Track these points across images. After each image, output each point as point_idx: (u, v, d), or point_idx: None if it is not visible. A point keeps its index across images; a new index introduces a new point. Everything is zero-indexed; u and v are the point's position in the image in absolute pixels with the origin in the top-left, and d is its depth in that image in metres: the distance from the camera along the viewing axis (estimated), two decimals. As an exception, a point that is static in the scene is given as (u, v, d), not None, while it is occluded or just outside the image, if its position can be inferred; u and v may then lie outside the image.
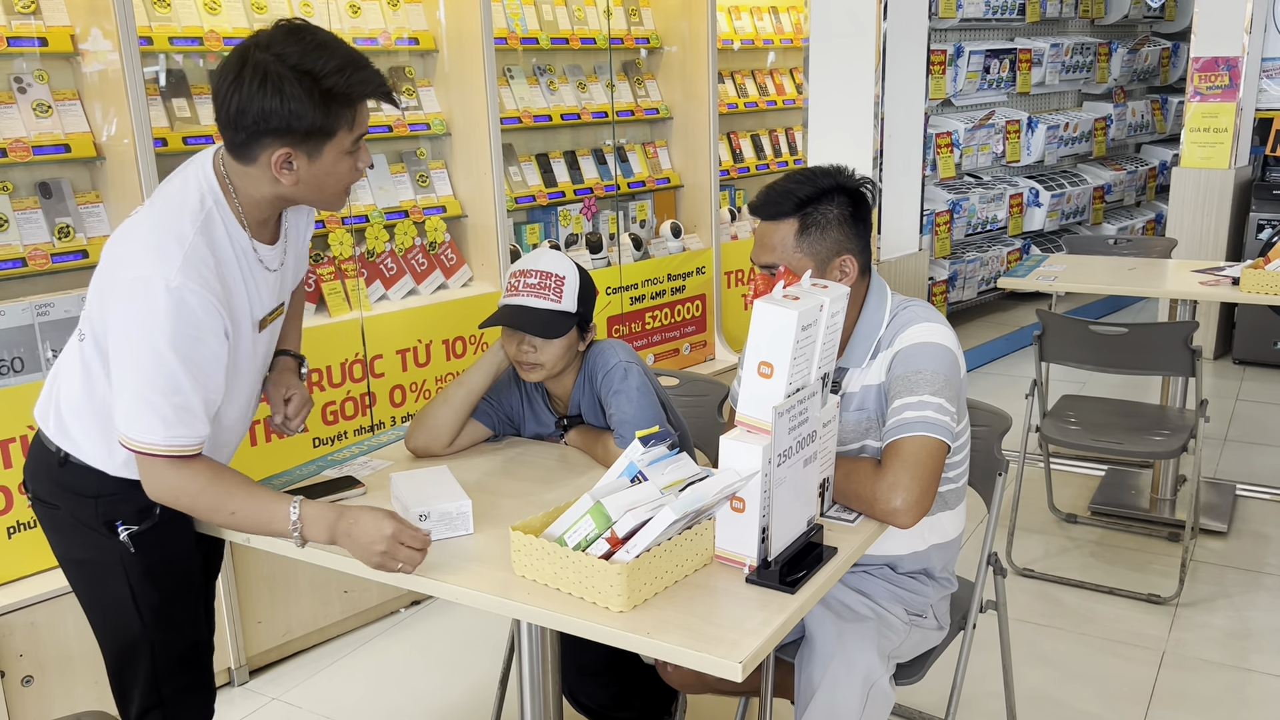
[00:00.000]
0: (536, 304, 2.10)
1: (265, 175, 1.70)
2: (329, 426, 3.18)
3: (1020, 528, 3.67)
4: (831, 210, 1.96)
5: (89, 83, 2.77)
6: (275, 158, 1.67)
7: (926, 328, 1.95)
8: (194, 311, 1.63)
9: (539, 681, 1.91)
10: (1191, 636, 3.04)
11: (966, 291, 6.22)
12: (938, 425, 1.83)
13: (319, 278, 3.22)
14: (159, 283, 1.61)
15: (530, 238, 3.94)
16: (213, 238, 1.70)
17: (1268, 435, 4.68)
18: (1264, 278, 3.34)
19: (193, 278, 1.63)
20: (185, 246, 1.65)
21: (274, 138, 1.65)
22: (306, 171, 1.71)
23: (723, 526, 1.63)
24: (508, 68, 3.90)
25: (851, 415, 1.99)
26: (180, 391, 1.65)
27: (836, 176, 1.99)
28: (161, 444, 1.66)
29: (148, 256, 1.64)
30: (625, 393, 2.13)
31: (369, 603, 3.24)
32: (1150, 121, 7.81)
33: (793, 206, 1.96)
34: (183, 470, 1.70)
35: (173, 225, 1.67)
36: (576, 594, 1.55)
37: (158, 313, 1.61)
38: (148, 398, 1.64)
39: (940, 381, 1.87)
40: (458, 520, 1.80)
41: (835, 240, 1.96)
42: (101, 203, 2.83)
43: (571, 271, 2.14)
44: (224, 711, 2.82)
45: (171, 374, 1.63)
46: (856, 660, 1.85)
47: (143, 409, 1.64)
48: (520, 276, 2.12)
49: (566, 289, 2.12)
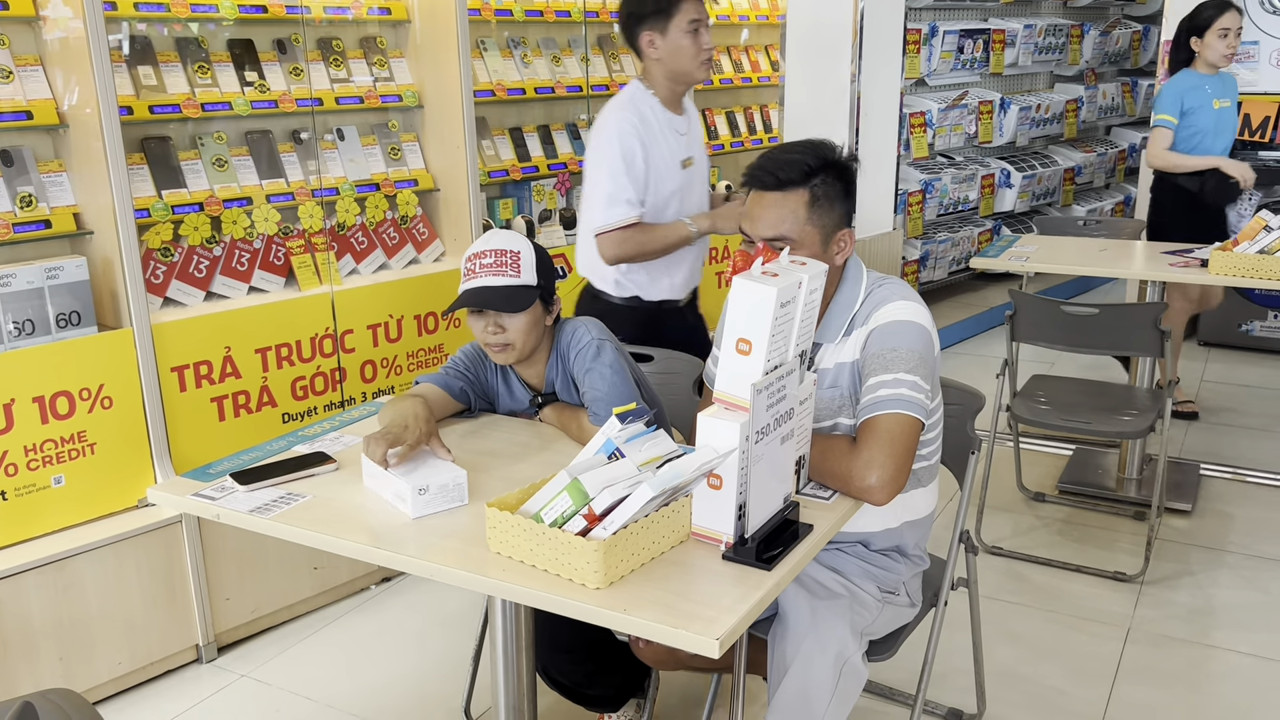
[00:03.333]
0: (496, 282, 2.09)
1: (648, 59, 2.78)
2: (298, 402, 3.14)
3: (989, 506, 3.70)
4: (835, 184, 1.94)
5: (51, 48, 2.70)
6: (643, 41, 2.76)
7: (902, 305, 1.94)
8: (626, 135, 2.73)
9: (513, 659, 1.91)
10: (1156, 613, 3.08)
11: (938, 271, 6.25)
12: (912, 403, 1.84)
13: (289, 251, 3.18)
14: (612, 125, 2.76)
15: (504, 212, 3.90)
16: (640, 111, 2.78)
17: (1231, 416, 4.75)
18: (1232, 259, 3.37)
19: (626, 122, 2.75)
20: (623, 111, 2.78)
21: (637, 26, 2.76)
22: (664, 47, 2.75)
23: (699, 503, 1.63)
24: (481, 40, 3.85)
25: (825, 392, 1.98)
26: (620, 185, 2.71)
27: (834, 151, 1.97)
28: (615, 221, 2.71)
29: (605, 115, 2.82)
30: (598, 370, 2.12)
31: (339, 579, 3.22)
32: (1120, 104, 7.86)
33: (802, 175, 1.92)
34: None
35: (612, 109, 2.82)
36: (553, 571, 1.54)
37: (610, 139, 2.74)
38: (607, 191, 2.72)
39: (915, 359, 1.87)
40: (454, 492, 1.80)
41: (839, 214, 1.95)
42: (65, 171, 2.77)
43: (526, 246, 2.15)
44: (192, 688, 2.81)
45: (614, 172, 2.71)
46: (829, 637, 1.85)
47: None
48: (475, 260, 2.12)
49: (524, 263, 2.12)
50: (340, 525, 1.74)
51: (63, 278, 2.66)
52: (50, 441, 2.64)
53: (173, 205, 2.95)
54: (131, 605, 2.75)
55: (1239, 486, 3.96)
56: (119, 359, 2.73)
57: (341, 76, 3.37)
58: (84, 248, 2.79)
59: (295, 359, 3.12)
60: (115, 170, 2.66)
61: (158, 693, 2.80)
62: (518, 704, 1.94)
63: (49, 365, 2.62)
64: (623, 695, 2.45)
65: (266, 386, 3.06)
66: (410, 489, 1.75)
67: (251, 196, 3.11)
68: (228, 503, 1.81)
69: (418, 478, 1.79)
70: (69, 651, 2.64)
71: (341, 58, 3.39)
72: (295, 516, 1.77)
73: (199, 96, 3.01)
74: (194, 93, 3.01)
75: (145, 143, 2.96)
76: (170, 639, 2.84)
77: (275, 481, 1.88)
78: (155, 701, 2.76)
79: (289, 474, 1.90)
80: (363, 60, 3.44)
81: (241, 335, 2.99)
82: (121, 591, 2.72)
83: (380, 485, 1.85)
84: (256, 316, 3.03)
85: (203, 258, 3.01)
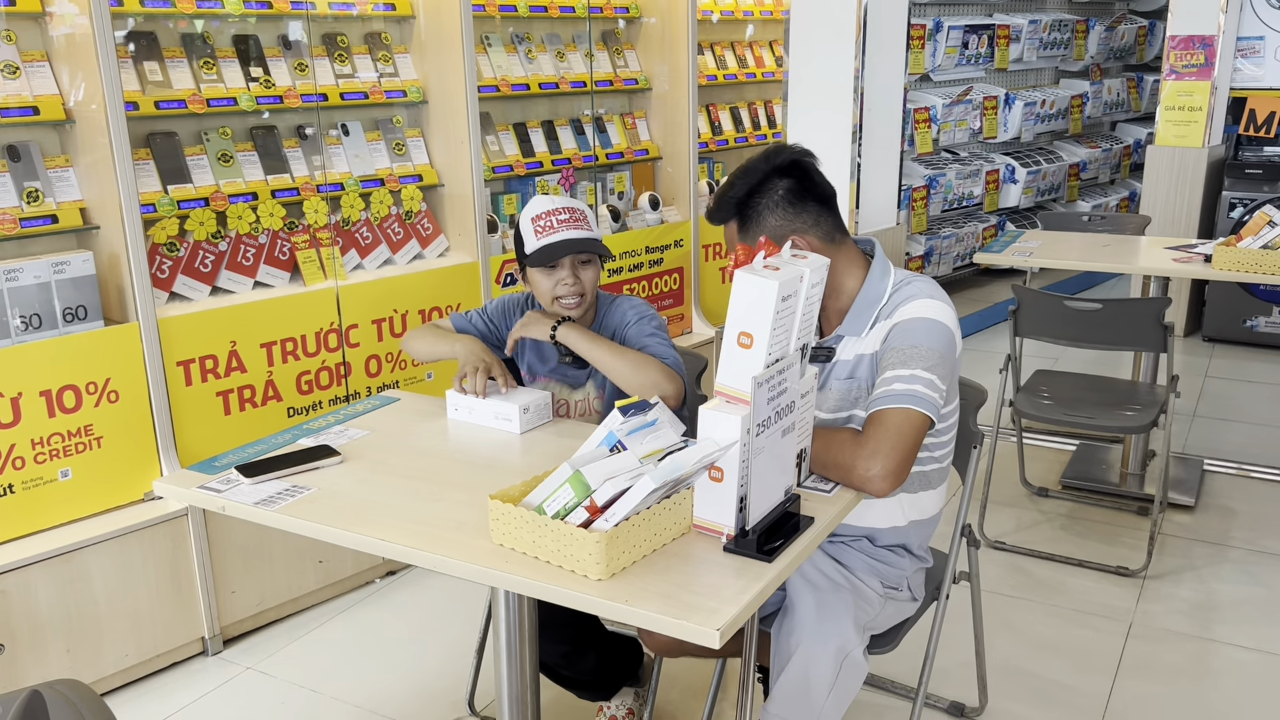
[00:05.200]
0: (580, 234, 2.24)
1: None
2: (304, 396, 3.16)
3: (992, 501, 3.70)
4: (766, 199, 2.01)
5: (58, 44, 2.71)
6: None
7: (928, 304, 1.96)
8: None
9: (515, 651, 1.91)
10: (1158, 608, 3.09)
11: (942, 267, 6.25)
12: (925, 400, 1.84)
13: (294, 245, 3.19)
14: None
15: (508, 208, 3.91)
16: None
17: (1235, 412, 4.75)
18: (1236, 255, 3.38)
19: None
20: None
21: None
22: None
23: (701, 496, 1.64)
24: (485, 35, 3.86)
25: (841, 383, 2.00)
26: None
27: (771, 161, 2.03)
28: None
29: None
30: (660, 337, 2.26)
31: (344, 572, 3.23)
32: (1126, 99, 7.85)
33: (731, 208, 2.05)
34: None
35: None
36: (555, 562, 1.55)
37: None
38: None
39: (935, 358, 1.88)
40: (545, 409, 2.16)
41: (774, 227, 2.01)
42: (71, 167, 2.78)
43: (586, 206, 2.30)
44: (197, 681, 2.83)
45: None
46: (831, 631, 1.86)
47: None
48: (550, 216, 2.24)
49: (591, 220, 2.29)
50: (345, 518, 1.75)
51: (69, 272, 2.67)
52: (57, 435, 2.66)
53: (178, 200, 2.96)
54: (138, 598, 2.77)
55: (1242, 482, 3.96)
56: (125, 353, 2.75)
57: (346, 72, 3.38)
58: (90, 243, 2.81)
59: (300, 353, 3.13)
60: (121, 166, 2.67)
61: (164, 685, 2.82)
62: (521, 695, 1.95)
63: (56, 359, 2.64)
64: (608, 682, 2.46)
65: (272, 381, 3.07)
66: (516, 408, 2.09)
67: (257, 192, 3.13)
68: (233, 495, 1.83)
69: (516, 399, 2.12)
70: (76, 643, 2.66)
71: (346, 53, 3.40)
72: (300, 509, 1.78)
73: (204, 92, 3.02)
74: (199, 88, 3.02)
75: (151, 138, 2.98)
76: (176, 631, 2.86)
77: (280, 474, 1.89)
78: (162, 693, 2.78)
79: (294, 467, 1.91)
80: (367, 56, 3.45)
81: (247, 330, 3.00)
82: (128, 584, 2.74)
83: (476, 413, 2.15)
84: (262, 311, 3.04)
85: (208, 253, 3.03)
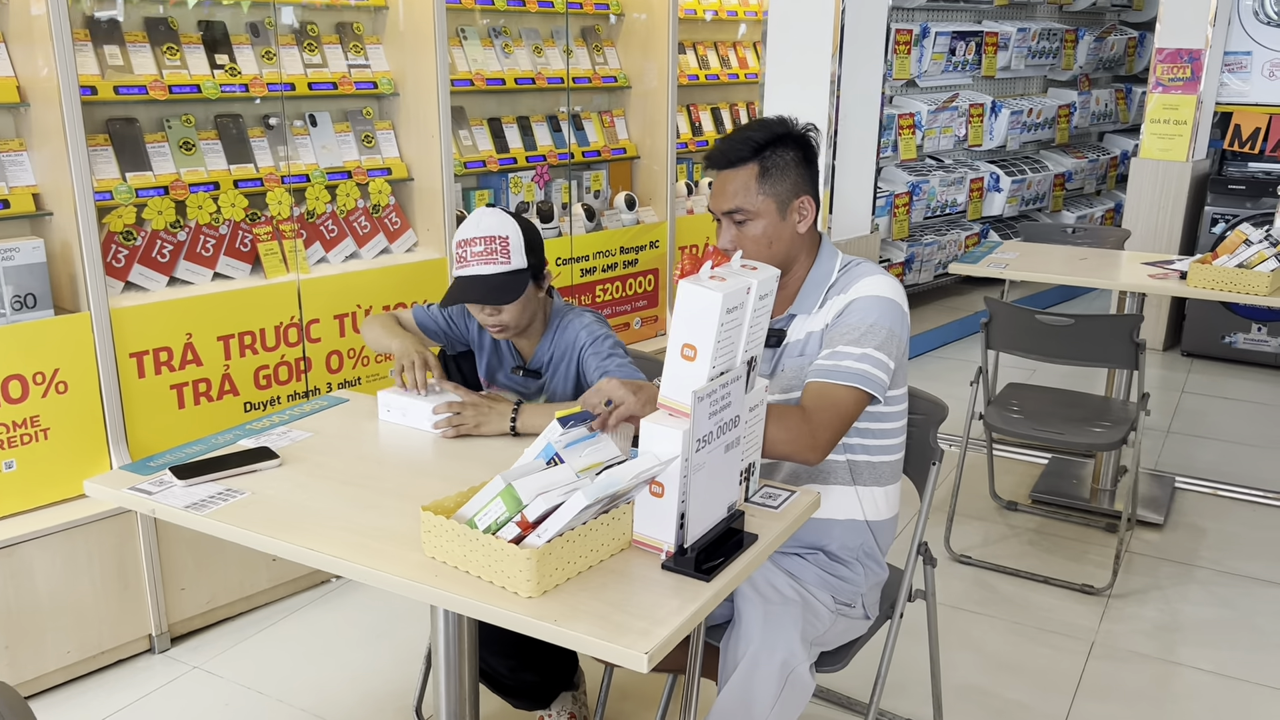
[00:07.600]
0: (488, 270, 2.15)
1: None
2: (261, 391, 3.10)
3: (960, 514, 3.67)
4: (787, 154, 2.03)
5: (14, 25, 2.65)
6: None
7: (881, 281, 2.03)
8: None
9: (454, 664, 1.87)
10: (1121, 628, 3.05)
11: (923, 275, 6.22)
12: (873, 380, 1.92)
13: (255, 237, 3.13)
14: None
15: (479, 204, 3.85)
16: None
17: (1209, 429, 4.72)
18: (1210, 273, 3.34)
19: None
20: None
21: None
22: None
23: (641, 511, 1.59)
24: (461, 28, 3.80)
25: (794, 361, 2.05)
26: None
27: (786, 125, 2.07)
28: None
29: None
30: (617, 355, 2.20)
31: (298, 571, 3.17)
32: (1114, 110, 7.82)
33: (751, 151, 2.02)
34: None
35: None
36: (486, 578, 1.50)
37: None
38: None
39: (884, 335, 1.95)
40: None
41: (794, 182, 2.04)
42: (25, 151, 2.71)
43: (514, 229, 2.18)
44: (141, 680, 2.77)
45: None
46: (778, 643, 1.83)
47: None
48: (466, 246, 2.17)
49: (513, 248, 2.17)
50: (276, 524, 1.70)
51: (19, 259, 2.61)
52: (1, 425, 2.60)
53: (136, 188, 2.89)
54: (82, 594, 2.70)
55: (1213, 501, 3.94)
56: (76, 343, 2.68)
57: (316, 62, 3.32)
58: (43, 229, 2.74)
59: (259, 347, 3.07)
60: (75, 151, 2.61)
61: (107, 683, 2.75)
62: (459, 710, 1.91)
63: (3, 348, 2.57)
64: (548, 691, 2.41)
65: (229, 375, 3.01)
66: (429, 408, 2.06)
67: (219, 181, 3.06)
68: (163, 498, 1.77)
69: (446, 398, 2.10)
70: (15, 640, 2.60)
71: (316, 43, 3.33)
72: (231, 514, 1.73)
73: (167, 79, 2.96)
74: (162, 74, 2.96)
75: (110, 124, 2.91)
76: (122, 629, 2.80)
77: (215, 477, 1.84)
78: (104, 692, 2.72)
79: (230, 469, 1.86)
80: (338, 46, 3.39)
81: (204, 322, 2.94)
82: (72, 580, 2.68)
83: (409, 415, 2.10)
84: (220, 303, 2.98)
85: (166, 242, 2.96)
